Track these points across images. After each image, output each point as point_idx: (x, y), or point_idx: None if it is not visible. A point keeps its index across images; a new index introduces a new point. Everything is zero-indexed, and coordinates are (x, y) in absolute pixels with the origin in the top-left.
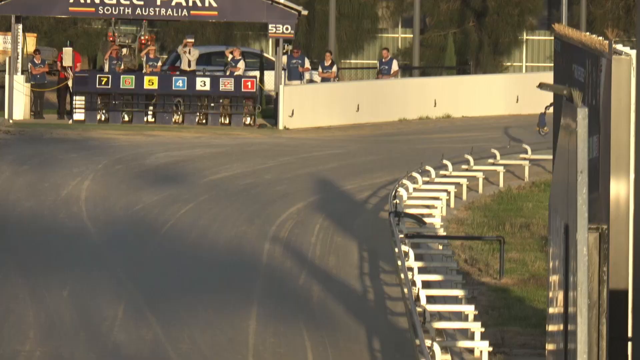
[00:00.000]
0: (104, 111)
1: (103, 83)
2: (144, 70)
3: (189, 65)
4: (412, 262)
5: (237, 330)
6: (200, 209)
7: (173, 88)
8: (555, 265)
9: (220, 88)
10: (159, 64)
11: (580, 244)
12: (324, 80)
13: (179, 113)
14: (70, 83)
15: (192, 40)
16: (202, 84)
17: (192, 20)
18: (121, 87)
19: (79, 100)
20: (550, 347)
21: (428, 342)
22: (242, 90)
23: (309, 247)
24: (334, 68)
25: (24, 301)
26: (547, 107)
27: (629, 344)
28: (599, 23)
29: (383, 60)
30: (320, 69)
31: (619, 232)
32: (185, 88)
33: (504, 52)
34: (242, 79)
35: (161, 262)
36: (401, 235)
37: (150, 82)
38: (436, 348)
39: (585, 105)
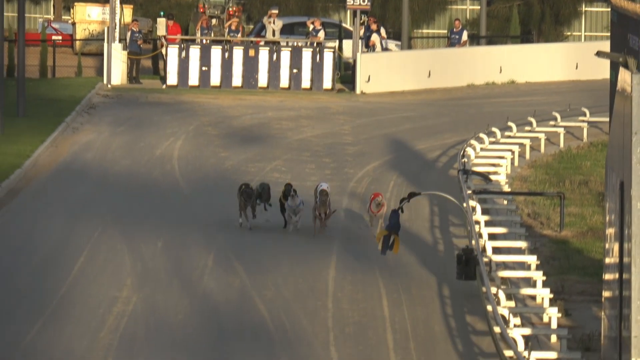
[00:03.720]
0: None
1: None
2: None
3: (273, 35)
4: (479, 216)
5: (317, 278)
6: (284, 166)
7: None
8: (611, 219)
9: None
10: (239, 35)
11: (635, 199)
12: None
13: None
14: (163, 51)
15: (276, 11)
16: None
17: None
18: (211, 57)
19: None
20: (606, 294)
21: (494, 290)
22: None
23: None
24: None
25: (122, 252)
26: (402, 202)
27: None
28: None
29: (454, 30)
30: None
31: None
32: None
33: (565, 22)
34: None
35: None
36: (469, 191)
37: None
38: (501, 295)
39: None
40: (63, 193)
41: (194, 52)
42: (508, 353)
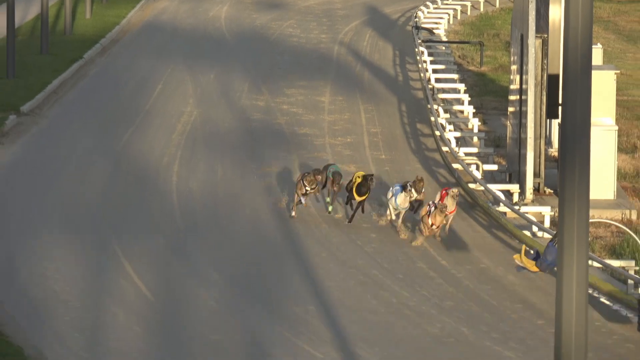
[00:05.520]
0: None
1: None
2: None
3: None
4: (426, 57)
5: (319, 95)
6: (295, 24)
7: None
8: (514, 59)
9: None
10: None
11: (530, 46)
12: None
13: None
14: None
15: None
16: None
17: None
18: None
19: None
20: (511, 109)
21: (436, 106)
22: None
23: (362, 48)
24: None
25: (187, 82)
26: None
27: (559, 107)
28: None
29: None
30: None
31: (554, 40)
32: None
33: None
34: None
35: (272, 55)
36: (419, 41)
37: None
38: (440, 110)
39: None
40: (147, 42)
41: None
42: (445, 149)
